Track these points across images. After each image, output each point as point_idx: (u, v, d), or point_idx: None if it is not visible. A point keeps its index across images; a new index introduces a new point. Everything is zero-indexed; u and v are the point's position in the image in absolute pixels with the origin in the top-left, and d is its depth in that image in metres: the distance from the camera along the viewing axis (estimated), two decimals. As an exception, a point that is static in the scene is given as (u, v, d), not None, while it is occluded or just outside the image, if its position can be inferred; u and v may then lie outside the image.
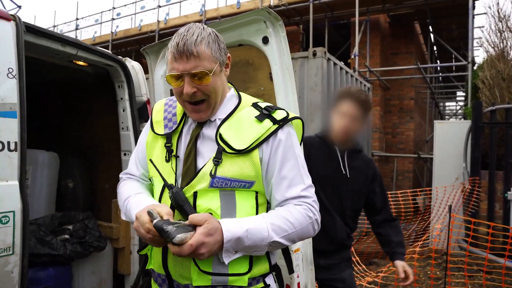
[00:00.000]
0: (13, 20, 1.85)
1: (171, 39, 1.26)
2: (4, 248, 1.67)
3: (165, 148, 1.35)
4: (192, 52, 1.20)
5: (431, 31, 11.23)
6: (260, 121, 1.29)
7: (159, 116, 1.44)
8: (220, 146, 1.26)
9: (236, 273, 1.25)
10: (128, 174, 1.53)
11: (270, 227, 1.21)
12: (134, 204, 1.32)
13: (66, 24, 16.41)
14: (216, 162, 1.25)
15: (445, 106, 19.68)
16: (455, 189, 5.84)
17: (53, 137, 3.18)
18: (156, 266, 1.33)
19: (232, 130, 1.29)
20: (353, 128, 2.20)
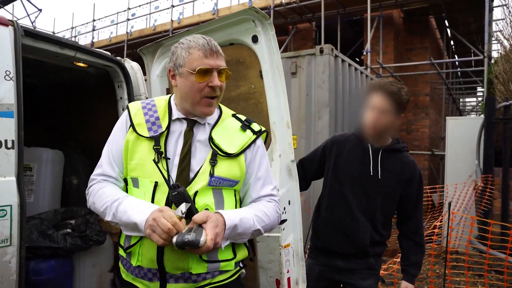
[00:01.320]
0: (11, 25, 1.96)
1: (187, 42, 1.44)
2: (2, 240, 1.77)
3: (154, 150, 1.43)
4: (219, 52, 1.45)
5: (447, 25, 10.99)
6: (244, 130, 1.55)
7: (139, 118, 1.49)
8: (214, 149, 1.47)
9: (226, 259, 1.46)
10: (103, 176, 1.51)
11: (255, 218, 1.45)
12: (132, 207, 1.36)
13: (84, 26, 16.85)
14: (213, 163, 1.45)
15: (465, 102, 19.23)
16: (466, 186, 5.73)
17: (59, 136, 3.32)
18: (146, 262, 1.39)
19: (222, 136, 1.50)
20: (382, 121, 2.06)
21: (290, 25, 11.37)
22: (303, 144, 5.51)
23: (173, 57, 1.48)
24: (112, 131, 1.56)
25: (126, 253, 1.45)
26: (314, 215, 2.40)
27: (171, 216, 1.26)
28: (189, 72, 1.41)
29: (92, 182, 1.53)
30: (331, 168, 2.27)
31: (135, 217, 1.32)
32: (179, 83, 1.48)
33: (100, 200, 1.44)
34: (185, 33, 2.35)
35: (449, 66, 12.37)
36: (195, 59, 1.40)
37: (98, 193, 1.46)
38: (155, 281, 1.40)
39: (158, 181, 1.41)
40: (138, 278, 1.44)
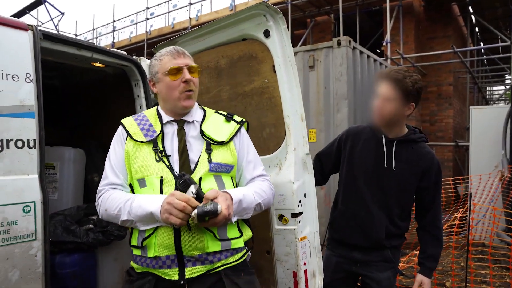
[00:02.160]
0: (30, 29, 2.03)
1: (159, 53, 1.71)
2: (28, 234, 1.86)
3: (153, 151, 1.61)
4: (186, 53, 1.68)
5: (471, 11, 10.62)
6: (228, 121, 1.78)
7: (133, 128, 1.69)
8: (207, 140, 1.67)
9: (234, 237, 1.63)
10: (110, 185, 1.65)
11: (255, 194, 1.66)
12: (145, 200, 1.51)
13: (104, 27, 17.20)
14: (209, 152, 1.65)
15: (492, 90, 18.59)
16: (492, 177, 5.57)
17: (81, 135, 3.43)
18: (164, 250, 1.52)
19: (211, 128, 1.71)
20: (387, 110, 2.04)
21: (308, 18, 11.24)
22: (322, 137, 5.47)
23: (150, 69, 1.72)
24: (110, 147, 1.73)
25: (141, 249, 1.57)
26: (332, 207, 2.40)
27: (183, 196, 1.42)
28: (163, 75, 1.64)
29: (100, 193, 1.66)
30: (346, 161, 2.26)
31: (149, 207, 1.47)
32: (158, 88, 1.70)
33: (112, 204, 1.57)
34: (198, 29, 2.38)
35: (474, 54, 11.97)
36: (166, 62, 1.64)
37: (108, 199, 1.60)
38: (174, 267, 1.53)
39: (163, 175, 1.57)
40: (155, 268, 1.54)
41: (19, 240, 1.82)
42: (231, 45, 2.34)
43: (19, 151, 1.87)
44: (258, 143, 2.27)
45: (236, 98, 2.34)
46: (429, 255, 2.18)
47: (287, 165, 2.09)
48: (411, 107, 2.05)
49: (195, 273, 1.54)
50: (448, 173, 9.40)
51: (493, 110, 6.97)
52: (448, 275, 4.51)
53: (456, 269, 4.53)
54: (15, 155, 1.85)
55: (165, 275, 1.54)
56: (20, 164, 1.87)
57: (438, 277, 4.52)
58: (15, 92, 1.88)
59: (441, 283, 4.36)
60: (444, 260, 4.95)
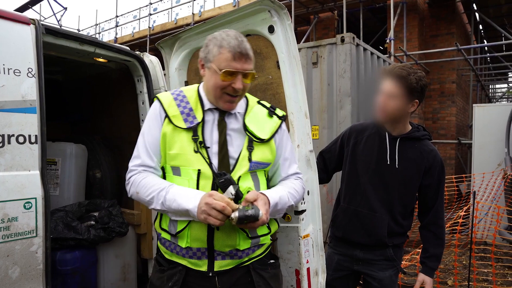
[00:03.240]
0: (33, 23, 2.01)
1: (221, 37, 1.51)
2: (29, 231, 1.84)
3: (193, 140, 1.54)
4: (248, 56, 1.51)
5: (475, 9, 10.55)
6: (271, 116, 1.70)
7: (173, 110, 1.58)
8: (250, 136, 1.61)
9: (263, 234, 1.63)
10: (143, 166, 1.59)
11: (289, 195, 1.63)
12: (181, 194, 1.47)
13: (107, 22, 17.15)
14: (250, 149, 1.60)
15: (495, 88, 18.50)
16: (495, 175, 5.54)
17: (84, 130, 3.41)
18: (196, 242, 1.52)
19: (254, 123, 1.64)
20: (390, 106, 2.02)
21: (311, 14, 11.18)
22: (325, 134, 5.45)
23: (205, 48, 1.56)
24: (144, 123, 1.63)
25: (173, 237, 1.55)
26: (335, 205, 2.39)
27: (222, 197, 1.40)
28: (214, 70, 1.50)
29: (132, 172, 1.60)
30: (349, 158, 2.25)
31: (186, 204, 1.43)
32: (206, 75, 1.58)
33: (145, 190, 1.53)
34: (202, 25, 2.36)
35: (478, 51, 11.90)
36: (224, 59, 1.48)
37: (141, 183, 1.55)
38: (204, 259, 1.54)
39: (201, 168, 1.51)
40: (185, 257, 1.55)
41: (20, 236, 1.80)
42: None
43: (21, 146, 1.85)
44: (262, 140, 2.26)
45: (239, 95, 2.32)
46: (431, 255, 2.17)
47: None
48: (415, 104, 2.04)
49: (224, 267, 1.56)
50: (451, 171, 9.38)
51: (496, 108, 6.93)
52: (451, 273, 4.50)
53: (458, 267, 4.51)
54: (16, 150, 1.83)
55: (194, 265, 1.54)
56: (21, 160, 1.85)
57: (440, 275, 4.50)
58: (16, 87, 1.86)
59: (443, 281, 4.35)
60: (447, 258, 4.93)
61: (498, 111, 6.14)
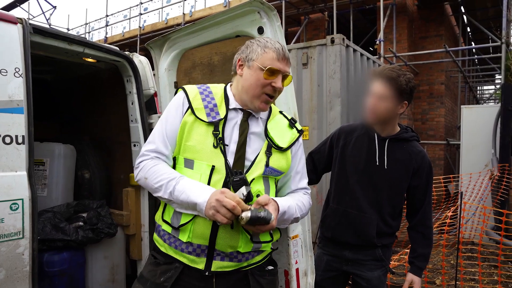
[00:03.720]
0: (20, 23, 1.98)
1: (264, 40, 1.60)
2: (15, 232, 1.82)
3: (213, 135, 1.54)
4: (289, 60, 1.60)
5: (463, 11, 10.69)
6: (291, 128, 1.73)
7: (197, 103, 1.59)
8: (269, 141, 1.62)
9: (265, 240, 1.62)
10: (156, 153, 1.58)
11: (297, 207, 1.65)
12: (191, 187, 1.46)
13: (97, 21, 17.01)
14: (268, 154, 1.61)
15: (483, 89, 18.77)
16: (481, 176, 5.63)
17: (72, 130, 3.38)
18: (198, 239, 1.50)
19: (275, 130, 1.66)
20: (380, 108, 2.03)
21: (302, 15, 11.24)
22: (315, 135, 5.48)
23: (246, 49, 1.61)
24: (165, 111, 1.63)
25: (174, 229, 1.54)
26: (324, 205, 2.40)
27: (234, 196, 1.39)
28: (259, 68, 1.54)
29: (144, 157, 1.59)
30: (338, 159, 2.26)
31: (195, 198, 1.42)
32: (245, 74, 1.59)
33: (155, 177, 1.52)
34: (192, 25, 2.36)
35: (466, 53, 12.06)
36: (269, 58, 1.55)
37: (152, 169, 1.53)
38: (202, 256, 1.52)
39: (215, 165, 1.51)
40: (183, 253, 1.53)
41: (6, 238, 1.78)
42: (224, 41, 2.32)
43: (7, 147, 1.83)
44: (251, 141, 2.26)
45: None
46: (419, 254, 2.19)
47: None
48: (404, 105, 2.06)
49: (222, 268, 1.54)
50: (440, 172, 9.49)
51: (484, 109, 7.03)
52: (439, 273, 4.55)
53: (446, 267, 4.56)
54: (3, 151, 1.81)
55: (191, 261, 1.52)
56: (7, 160, 1.83)
57: (429, 275, 4.56)
58: (3, 87, 1.84)
59: (431, 281, 4.40)
60: (435, 258, 4.99)
61: (485, 113, 6.24)
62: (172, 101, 1.65)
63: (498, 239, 4.22)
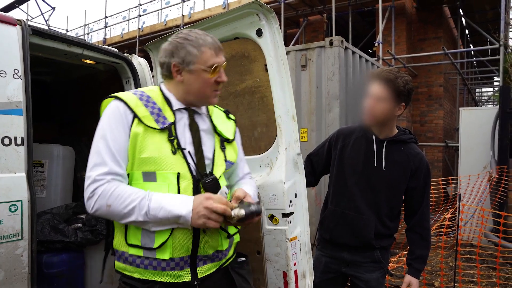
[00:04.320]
0: (19, 24, 1.99)
1: (196, 39, 1.49)
2: (14, 234, 1.82)
3: (169, 142, 1.45)
4: (222, 49, 1.56)
5: (461, 14, 10.73)
6: (229, 118, 1.75)
7: (142, 110, 1.45)
8: (221, 136, 1.63)
9: (234, 232, 1.64)
10: (112, 175, 1.39)
11: (255, 192, 1.72)
12: (166, 200, 1.36)
13: (96, 23, 17.02)
14: (223, 149, 1.63)
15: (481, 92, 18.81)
16: (480, 178, 5.63)
17: (72, 132, 3.38)
18: (180, 251, 1.42)
19: (220, 124, 1.66)
20: (378, 109, 2.04)
21: (301, 17, 11.26)
22: (314, 137, 5.48)
23: (179, 52, 1.48)
24: (101, 126, 1.45)
25: (148, 251, 1.41)
26: (322, 207, 2.41)
27: (220, 199, 1.39)
28: (202, 69, 1.49)
29: (98, 182, 1.37)
30: (336, 160, 2.27)
31: (178, 211, 1.34)
32: (187, 79, 1.50)
33: (121, 201, 1.35)
34: (191, 27, 2.36)
35: (464, 55, 12.10)
36: (208, 57, 1.49)
37: (113, 194, 1.36)
38: (186, 267, 1.44)
39: (180, 171, 1.44)
40: (165, 271, 1.42)
41: (5, 240, 1.78)
42: (223, 43, 2.28)
43: (6, 148, 1.83)
44: (250, 142, 2.26)
45: (228, 97, 2.33)
46: (417, 256, 2.19)
47: (278, 165, 2.08)
48: (402, 107, 2.07)
49: (206, 272, 1.51)
50: (438, 174, 9.50)
51: (482, 111, 7.05)
52: (437, 275, 4.56)
53: (444, 269, 4.57)
54: (2, 152, 1.81)
55: (175, 278, 1.43)
56: (6, 162, 1.82)
57: (427, 277, 4.56)
58: (2, 89, 1.84)
59: (429, 283, 4.40)
60: (433, 260, 4.99)
61: (484, 115, 6.25)
62: (106, 113, 1.46)
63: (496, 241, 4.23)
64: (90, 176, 1.39)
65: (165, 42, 1.56)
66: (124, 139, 1.42)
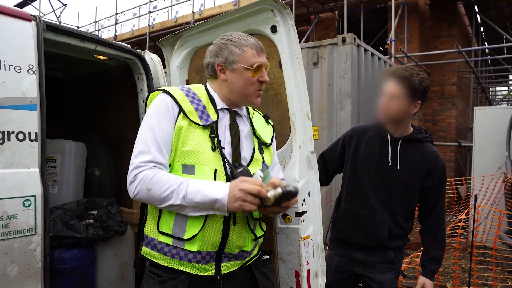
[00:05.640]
0: (34, 20, 1.99)
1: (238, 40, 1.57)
2: (28, 229, 1.82)
3: (210, 139, 1.52)
4: (264, 50, 1.62)
5: (476, 11, 10.54)
6: (267, 123, 1.81)
7: (187, 105, 1.54)
8: (259, 140, 1.68)
9: (261, 235, 1.70)
10: (154, 163, 1.46)
11: None
12: (204, 185, 1.42)
13: (106, 19, 17.09)
14: (261, 152, 1.67)
15: (496, 91, 18.51)
16: (495, 179, 5.53)
17: (83, 128, 3.39)
18: (208, 246, 1.48)
19: (258, 127, 1.71)
20: (392, 107, 2.02)
21: (312, 14, 11.18)
22: (325, 135, 5.44)
23: (222, 52, 1.57)
24: (149, 116, 1.52)
25: (177, 240, 1.47)
26: (335, 206, 2.39)
27: (255, 181, 1.39)
28: (244, 68, 1.54)
29: (140, 168, 1.45)
30: (350, 159, 2.24)
31: (214, 195, 1.39)
32: (230, 78, 1.58)
33: (160, 185, 1.42)
34: (204, 23, 2.34)
35: (478, 53, 11.90)
36: (250, 56, 1.55)
37: (153, 178, 1.42)
38: (211, 262, 1.51)
39: (217, 168, 1.50)
40: (191, 263, 1.48)
41: (19, 234, 1.78)
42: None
43: (20, 143, 1.83)
44: (263, 140, 2.24)
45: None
46: (431, 257, 2.16)
47: (291, 163, 2.06)
48: (418, 105, 2.05)
49: (230, 268, 1.57)
50: (450, 174, 9.38)
51: (497, 111, 6.93)
52: (450, 277, 4.50)
53: (458, 271, 4.50)
54: (16, 147, 1.81)
55: (200, 270, 1.50)
56: (21, 157, 1.83)
57: (440, 278, 4.50)
58: (17, 84, 1.84)
59: (442, 285, 4.34)
60: (446, 261, 4.93)
61: (498, 114, 6.14)
62: (154, 105, 1.54)
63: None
64: (134, 163, 1.48)
65: (210, 45, 1.65)
66: (169, 131, 1.50)
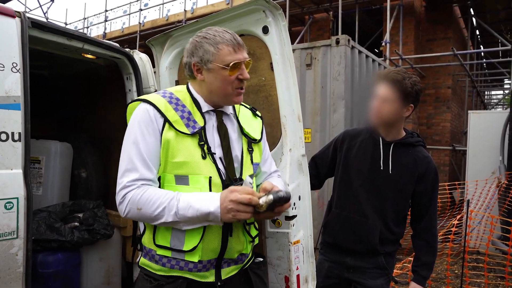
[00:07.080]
0: (18, 16, 1.94)
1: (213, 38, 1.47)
2: (9, 232, 1.78)
3: (199, 146, 1.46)
4: (244, 45, 1.52)
5: (472, 14, 10.56)
6: (255, 116, 1.73)
7: (172, 114, 1.46)
8: (249, 138, 1.62)
9: (255, 235, 1.67)
10: (142, 180, 1.41)
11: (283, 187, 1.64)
12: (195, 198, 1.37)
13: (96, 16, 16.86)
14: (251, 152, 1.61)
15: (491, 94, 18.62)
16: (488, 183, 5.53)
17: (70, 128, 3.33)
18: (208, 254, 1.47)
19: (246, 124, 1.64)
20: (384, 111, 2.01)
21: (306, 15, 11.15)
22: (318, 138, 5.41)
23: (197, 51, 1.49)
24: (131, 130, 1.45)
25: (176, 252, 1.44)
26: (327, 210, 2.37)
27: (244, 189, 1.36)
28: (220, 67, 1.46)
29: (128, 189, 1.40)
30: (341, 163, 2.22)
31: (206, 208, 1.35)
32: (207, 78, 1.50)
33: (150, 204, 1.37)
34: (194, 23, 2.30)
35: (474, 57, 11.94)
36: (226, 54, 1.46)
37: (143, 197, 1.37)
38: (211, 269, 1.50)
39: (211, 175, 1.45)
40: (192, 272, 1.47)
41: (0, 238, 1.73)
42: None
43: (3, 144, 1.79)
44: (253, 142, 2.21)
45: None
46: (423, 263, 2.14)
47: (282, 166, 2.04)
48: (410, 108, 2.04)
49: (229, 273, 1.56)
50: (444, 178, 9.39)
51: (492, 115, 6.93)
52: (443, 282, 4.48)
53: (450, 277, 4.49)
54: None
55: (201, 277, 1.48)
56: (3, 158, 1.78)
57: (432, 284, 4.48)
58: (0, 82, 1.79)
59: (434, 290, 4.33)
60: (439, 267, 4.91)
61: (493, 118, 6.15)
62: (136, 117, 1.46)
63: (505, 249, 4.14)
64: (121, 182, 1.42)
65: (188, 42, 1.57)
66: (155, 144, 1.43)
